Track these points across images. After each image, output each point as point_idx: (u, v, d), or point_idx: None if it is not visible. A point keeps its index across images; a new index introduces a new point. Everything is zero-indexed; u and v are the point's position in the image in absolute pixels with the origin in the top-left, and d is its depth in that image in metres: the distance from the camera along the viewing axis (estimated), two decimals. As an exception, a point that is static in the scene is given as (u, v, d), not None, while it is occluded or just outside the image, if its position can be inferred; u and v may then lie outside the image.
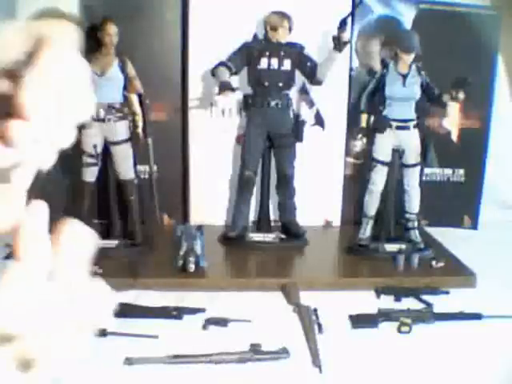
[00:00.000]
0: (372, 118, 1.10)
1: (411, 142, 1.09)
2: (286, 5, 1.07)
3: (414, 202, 1.11)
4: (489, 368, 0.74)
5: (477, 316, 0.86)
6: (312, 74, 1.08)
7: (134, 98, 1.06)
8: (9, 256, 1.07)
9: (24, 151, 0.22)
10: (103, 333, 0.77)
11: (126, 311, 0.83)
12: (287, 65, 1.07)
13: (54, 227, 0.24)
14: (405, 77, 1.06)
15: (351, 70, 1.22)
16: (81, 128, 1.01)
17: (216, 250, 1.07)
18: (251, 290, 0.88)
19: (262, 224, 1.17)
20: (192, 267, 0.93)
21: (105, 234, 1.04)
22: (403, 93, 1.07)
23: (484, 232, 1.30)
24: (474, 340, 0.81)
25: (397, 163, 1.10)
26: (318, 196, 1.25)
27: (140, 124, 1.06)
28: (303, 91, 1.19)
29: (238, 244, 1.09)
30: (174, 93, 1.17)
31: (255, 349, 0.73)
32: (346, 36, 1.04)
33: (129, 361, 0.71)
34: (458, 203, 1.32)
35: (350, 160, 1.27)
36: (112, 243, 1.02)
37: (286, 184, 1.13)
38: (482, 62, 1.25)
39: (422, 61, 1.08)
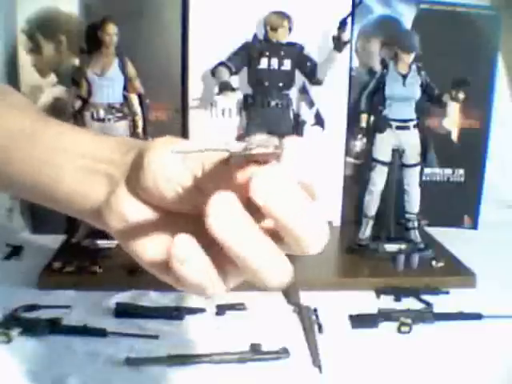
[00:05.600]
0: (372, 118, 1.10)
1: (411, 141, 1.09)
2: (286, 5, 1.07)
3: (414, 202, 1.11)
4: (489, 368, 0.74)
5: (477, 316, 0.86)
6: (312, 73, 1.08)
7: (134, 98, 1.06)
8: (9, 256, 1.08)
9: None
10: (103, 333, 0.77)
11: (126, 311, 0.83)
12: (287, 65, 1.07)
13: None
14: (405, 77, 1.06)
15: (351, 69, 1.22)
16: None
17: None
18: (251, 290, 0.88)
19: (262, 224, 1.17)
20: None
21: (105, 233, 1.03)
22: (403, 93, 1.07)
23: (484, 232, 1.30)
24: (474, 340, 0.81)
25: (397, 163, 1.10)
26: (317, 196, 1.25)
27: (140, 124, 1.06)
28: (303, 91, 1.19)
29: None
30: (174, 93, 1.17)
31: (255, 349, 0.73)
32: (346, 36, 1.04)
33: (129, 361, 0.71)
34: (458, 203, 1.32)
35: (350, 160, 1.27)
36: (112, 243, 1.02)
37: (286, 184, 1.13)
38: (482, 62, 1.25)
39: (422, 61, 1.08)
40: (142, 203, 0.35)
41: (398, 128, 1.08)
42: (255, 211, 0.28)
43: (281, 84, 1.07)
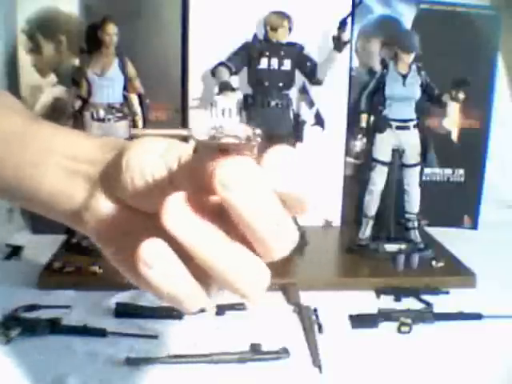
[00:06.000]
0: (372, 118, 1.10)
1: (411, 141, 1.09)
2: (286, 5, 1.07)
3: (414, 202, 1.11)
4: (489, 368, 0.74)
5: (477, 316, 0.86)
6: (312, 73, 1.08)
7: (134, 98, 1.06)
8: (9, 256, 1.07)
9: None
10: (103, 333, 0.77)
11: (126, 311, 0.83)
12: (287, 65, 1.07)
13: None
14: (405, 77, 1.06)
15: (351, 69, 1.22)
16: (81, 129, 1.01)
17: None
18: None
19: (262, 224, 1.17)
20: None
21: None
22: (403, 93, 1.07)
23: (484, 232, 1.30)
24: (474, 340, 0.81)
25: (397, 163, 1.10)
26: (318, 196, 1.25)
27: (140, 124, 1.06)
28: (303, 91, 1.19)
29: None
30: (174, 93, 1.17)
31: (255, 349, 0.73)
32: (346, 36, 1.04)
33: (129, 361, 0.71)
34: (458, 203, 1.32)
35: (350, 160, 1.27)
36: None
37: (285, 184, 1.13)
38: (482, 62, 1.25)
39: (422, 61, 1.08)
40: (122, 208, 0.34)
41: (398, 128, 1.08)
42: (227, 220, 0.26)
43: (281, 84, 1.07)
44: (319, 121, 1.22)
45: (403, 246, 1.08)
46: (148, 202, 0.32)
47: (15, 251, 1.06)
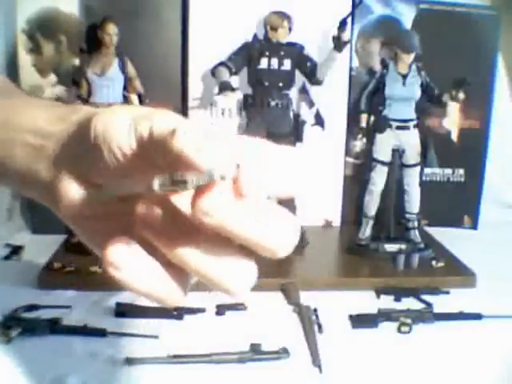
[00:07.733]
0: (372, 118, 1.10)
1: (411, 142, 1.09)
2: (286, 5, 1.07)
3: (414, 202, 1.11)
4: (489, 368, 0.74)
5: (477, 316, 0.86)
6: (312, 73, 1.08)
7: (134, 98, 1.06)
8: (9, 256, 1.07)
9: None
10: (103, 333, 0.77)
11: (125, 311, 0.83)
12: (287, 65, 1.07)
13: None
14: (405, 77, 1.07)
15: (351, 69, 1.22)
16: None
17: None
18: (251, 289, 0.88)
19: (262, 224, 1.17)
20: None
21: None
22: (403, 93, 1.07)
23: (484, 232, 1.30)
24: (474, 340, 0.81)
25: (397, 163, 1.10)
26: (317, 196, 1.25)
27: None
28: (303, 91, 1.19)
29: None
30: (174, 93, 1.17)
31: (255, 349, 0.73)
32: (345, 36, 1.04)
33: (129, 361, 0.71)
34: (458, 203, 1.32)
35: (350, 160, 1.27)
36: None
37: (285, 184, 1.13)
38: (482, 62, 1.25)
39: (422, 61, 1.08)
40: (92, 187, 0.30)
41: (398, 128, 1.08)
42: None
43: (281, 84, 1.07)
44: (319, 121, 1.22)
45: (403, 246, 1.08)
46: (120, 181, 0.29)
47: (15, 251, 1.06)
